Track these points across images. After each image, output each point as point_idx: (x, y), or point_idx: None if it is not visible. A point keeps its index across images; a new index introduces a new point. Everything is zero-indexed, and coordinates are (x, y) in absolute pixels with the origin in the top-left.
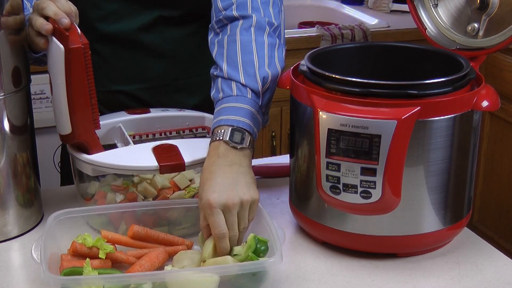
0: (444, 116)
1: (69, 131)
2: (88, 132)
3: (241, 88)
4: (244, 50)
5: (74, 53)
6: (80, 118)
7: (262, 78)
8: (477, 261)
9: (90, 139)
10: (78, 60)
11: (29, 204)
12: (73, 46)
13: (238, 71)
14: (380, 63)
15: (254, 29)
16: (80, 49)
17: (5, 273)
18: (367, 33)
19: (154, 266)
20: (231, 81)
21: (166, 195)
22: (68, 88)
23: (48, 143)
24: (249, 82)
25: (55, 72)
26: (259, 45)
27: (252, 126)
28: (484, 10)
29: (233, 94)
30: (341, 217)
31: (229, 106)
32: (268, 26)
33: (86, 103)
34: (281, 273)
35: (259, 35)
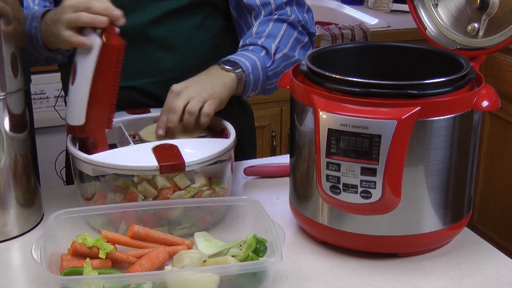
0: (444, 116)
1: (81, 123)
2: (99, 129)
3: (258, 47)
4: (271, 32)
5: (111, 49)
6: (96, 113)
7: (277, 48)
8: (477, 261)
9: (99, 136)
10: (112, 57)
11: (29, 204)
12: (111, 42)
13: (259, 39)
14: (380, 63)
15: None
16: (117, 47)
17: (5, 273)
18: (367, 33)
19: (154, 266)
20: (251, 45)
21: (166, 195)
22: (94, 82)
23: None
24: (266, 44)
25: (85, 63)
26: (287, 35)
27: (249, 69)
28: (484, 10)
29: (249, 49)
30: (341, 217)
31: (241, 53)
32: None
33: (107, 101)
34: (281, 273)
35: (290, 29)
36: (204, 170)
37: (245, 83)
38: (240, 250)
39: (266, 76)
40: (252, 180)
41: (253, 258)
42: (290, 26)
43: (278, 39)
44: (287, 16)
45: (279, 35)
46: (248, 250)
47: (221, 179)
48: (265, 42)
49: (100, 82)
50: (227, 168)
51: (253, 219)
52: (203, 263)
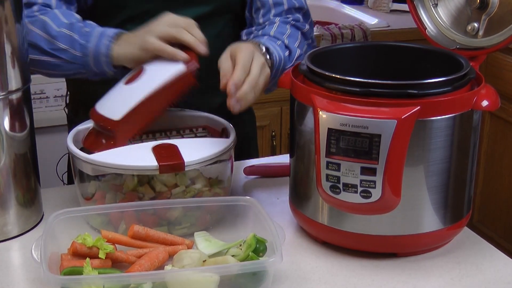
0: (444, 115)
1: (117, 118)
2: (125, 133)
3: (283, 45)
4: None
5: (187, 80)
6: (134, 120)
7: (300, 54)
8: (477, 261)
9: (121, 137)
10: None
11: (29, 204)
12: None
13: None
14: (380, 63)
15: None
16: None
17: (5, 273)
18: (367, 33)
19: (154, 266)
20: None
21: (166, 195)
22: (154, 94)
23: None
24: (290, 45)
25: (157, 74)
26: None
27: (279, 61)
28: (484, 9)
29: (277, 43)
30: (341, 217)
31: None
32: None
33: (151, 115)
34: (281, 273)
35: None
36: (204, 170)
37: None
38: (240, 250)
39: (279, 75)
40: (252, 180)
41: (253, 258)
42: (303, 36)
43: (297, 44)
44: (302, 25)
45: (297, 41)
46: (248, 250)
47: (221, 179)
48: (290, 43)
49: (158, 98)
50: (227, 168)
51: (253, 219)
52: (203, 263)
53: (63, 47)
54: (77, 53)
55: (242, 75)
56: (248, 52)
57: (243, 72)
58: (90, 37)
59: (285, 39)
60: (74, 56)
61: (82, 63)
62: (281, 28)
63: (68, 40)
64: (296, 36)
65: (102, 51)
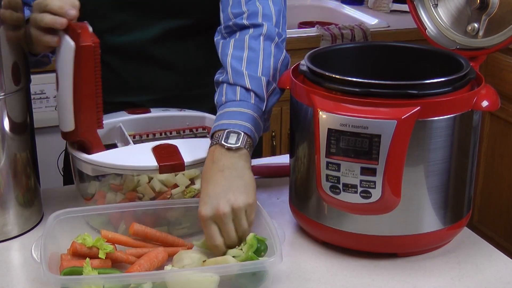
0: (444, 116)
1: (71, 128)
2: (90, 131)
3: (245, 93)
4: (250, 58)
5: (85, 51)
6: (84, 117)
7: (267, 82)
8: (477, 261)
9: (92, 138)
10: (88, 58)
11: (29, 204)
12: (84, 43)
13: (244, 76)
14: (380, 63)
15: (263, 38)
16: (91, 47)
17: (5, 273)
18: (367, 33)
19: (153, 266)
20: (236, 86)
21: (166, 194)
22: (75, 86)
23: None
24: (254, 86)
25: (63, 68)
26: (266, 57)
27: (252, 129)
28: (484, 10)
29: (236, 99)
30: (341, 217)
31: (231, 110)
32: (277, 36)
33: (92, 102)
34: (281, 273)
35: (267, 45)
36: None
37: (253, 144)
38: (240, 251)
39: (264, 120)
40: None
41: (253, 258)
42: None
43: (259, 68)
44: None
45: (259, 64)
46: (249, 250)
47: None
48: (252, 84)
49: (82, 85)
50: None
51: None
52: (203, 263)
53: None
54: None
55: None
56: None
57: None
58: None
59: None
60: None
61: None
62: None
63: None
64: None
65: None
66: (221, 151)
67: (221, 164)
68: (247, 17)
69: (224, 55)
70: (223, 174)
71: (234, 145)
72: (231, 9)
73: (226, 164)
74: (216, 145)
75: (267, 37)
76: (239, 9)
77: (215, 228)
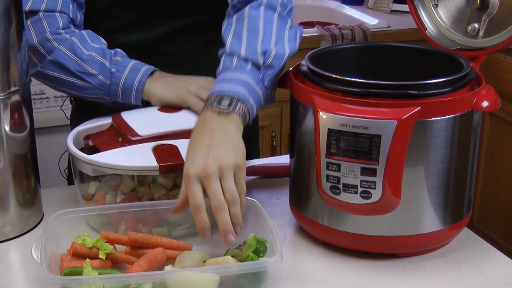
0: (444, 116)
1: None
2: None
3: (241, 61)
4: (250, 25)
5: None
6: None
7: (264, 51)
8: (477, 261)
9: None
10: None
11: (29, 204)
12: None
13: (241, 45)
14: (380, 63)
15: (263, 7)
16: None
17: (5, 273)
18: (367, 33)
19: (152, 267)
20: (233, 55)
21: (166, 195)
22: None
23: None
24: (249, 55)
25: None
26: (267, 23)
27: (245, 94)
28: (484, 10)
29: (232, 67)
30: (341, 217)
31: (225, 77)
32: (280, 7)
33: None
34: (281, 273)
35: (269, 14)
36: None
37: (249, 110)
38: (240, 251)
39: (264, 88)
40: (252, 180)
41: (253, 258)
42: (268, 10)
43: (260, 36)
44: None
45: (260, 31)
46: (248, 251)
47: None
48: (247, 53)
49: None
50: None
51: (253, 219)
52: (203, 263)
53: (93, 72)
54: (106, 80)
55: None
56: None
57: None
58: (122, 67)
59: (242, 49)
60: (103, 83)
61: (108, 91)
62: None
63: (98, 65)
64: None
65: (135, 85)
66: (212, 114)
67: (211, 126)
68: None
69: (226, 29)
70: (213, 135)
71: (225, 110)
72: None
73: (217, 126)
74: (208, 108)
75: (268, 7)
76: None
77: (199, 188)
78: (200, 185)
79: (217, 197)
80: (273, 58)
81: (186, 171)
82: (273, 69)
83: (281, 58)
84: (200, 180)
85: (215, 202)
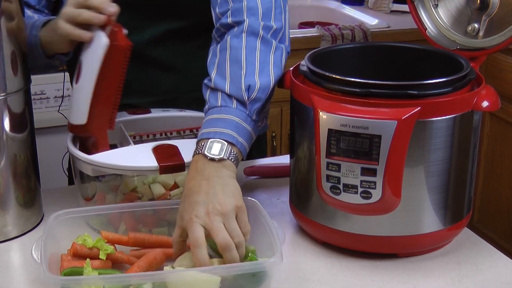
0: (444, 116)
1: (83, 122)
2: (102, 129)
3: (226, 98)
4: (233, 58)
5: (118, 50)
6: (99, 114)
7: (248, 87)
8: (477, 261)
9: (101, 136)
10: (119, 58)
11: (29, 205)
12: (119, 43)
13: (225, 80)
14: (380, 63)
15: (245, 34)
16: (125, 48)
17: (5, 273)
18: (367, 33)
19: (152, 267)
20: (217, 91)
21: (166, 195)
22: (98, 82)
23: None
24: (233, 92)
25: (91, 62)
26: (250, 52)
27: (235, 136)
28: (484, 10)
29: (218, 105)
30: (341, 217)
31: (213, 118)
32: (262, 30)
33: (110, 101)
34: (281, 273)
35: (251, 41)
36: None
37: (241, 151)
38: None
39: (253, 123)
40: (252, 180)
41: (252, 259)
42: (250, 36)
43: (243, 70)
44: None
45: (242, 63)
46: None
47: None
48: (231, 90)
49: (105, 82)
50: None
51: (253, 219)
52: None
53: None
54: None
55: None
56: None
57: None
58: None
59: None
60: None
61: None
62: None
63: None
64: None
65: (33, 43)
66: (204, 161)
67: (206, 173)
68: (231, 14)
69: (210, 61)
70: (209, 182)
71: (217, 156)
72: (218, 9)
73: (211, 173)
74: (200, 154)
75: (249, 33)
76: (226, 7)
77: (202, 229)
78: (202, 228)
79: (224, 238)
80: (257, 92)
81: (188, 218)
82: (259, 102)
83: (266, 89)
84: (203, 225)
85: (223, 242)
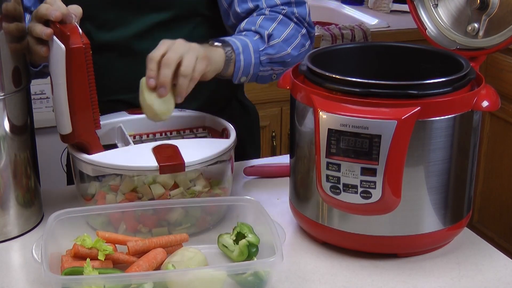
0: (444, 116)
1: (69, 131)
2: (88, 132)
3: (251, 32)
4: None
5: (75, 53)
6: (80, 118)
7: (271, 34)
8: (477, 261)
9: (90, 139)
10: (79, 59)
11: (29, 204)
12: (74, 45)
13: (254, 25)
14: (380, 63)
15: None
16: (81, 48)
17: (5, 273)
18: (367, 33)
19: (152, 267)
20: (245, 30)
21: (166, 195)
22: (68, 88)
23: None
24: (260, 29)
25: (56, 72)
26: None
27: (239, 48)
28: (484, 10)
29: (242, 33)
30: (341, 217)
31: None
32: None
33: (87, 103)
34: (281, 273)
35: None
36: (204, 171)
37: (235, 63)
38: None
39: (258, 60)
40: (252, 180)
41: (252, 259)
42: (285, 17)
43: (272, 26)
44: (280, 9)
45: (274, 23)
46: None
47: (221, 179)
48: (259, 28)
49: (75, 86)
50: (227, 169)
51: (253, 219)
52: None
53: None
54: None
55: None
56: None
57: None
58: None
59: (254, 27)
60: None
61: None
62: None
63: None
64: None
65: None
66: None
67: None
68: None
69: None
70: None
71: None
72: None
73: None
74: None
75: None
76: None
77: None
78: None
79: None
80: (277, 43)
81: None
82: (274, 51)
83: (283, 50)
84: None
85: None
